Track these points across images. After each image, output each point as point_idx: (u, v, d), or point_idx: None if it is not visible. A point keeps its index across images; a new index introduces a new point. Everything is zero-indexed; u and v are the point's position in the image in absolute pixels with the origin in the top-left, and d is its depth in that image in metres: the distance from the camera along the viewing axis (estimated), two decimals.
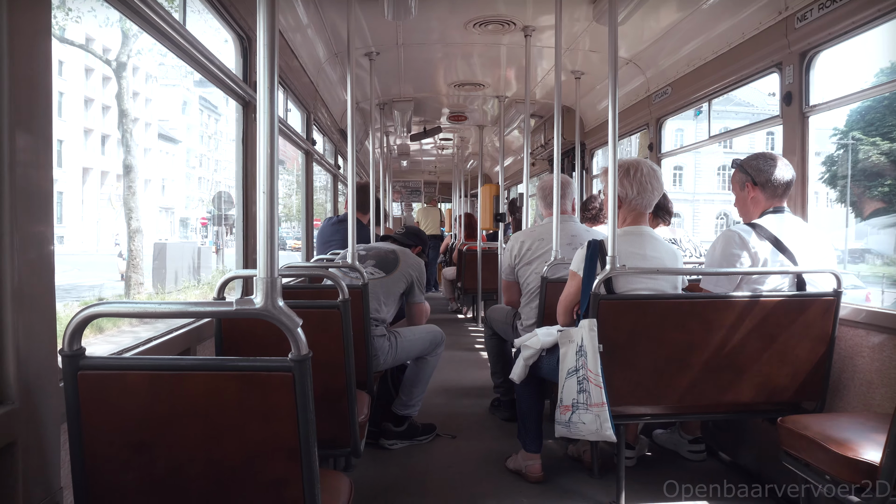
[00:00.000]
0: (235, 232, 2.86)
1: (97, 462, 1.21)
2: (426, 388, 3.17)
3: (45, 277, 1.25)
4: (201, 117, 55.26)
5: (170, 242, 27.11)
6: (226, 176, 58.06)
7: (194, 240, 40.15)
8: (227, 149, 58.14)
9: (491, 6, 3.45)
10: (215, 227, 30.73)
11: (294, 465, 1.20)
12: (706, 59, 3.49)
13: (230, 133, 27.27)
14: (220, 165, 56.94)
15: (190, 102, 51.82)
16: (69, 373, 1.17)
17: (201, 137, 54.31)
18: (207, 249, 26.85)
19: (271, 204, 1.13)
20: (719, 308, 2.17)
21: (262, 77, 1.12)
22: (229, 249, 23.95)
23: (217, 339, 2.10)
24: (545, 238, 3.17)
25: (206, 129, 55.85)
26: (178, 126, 49.59)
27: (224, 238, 28.02)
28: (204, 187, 54.16)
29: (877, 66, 22.20)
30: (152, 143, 45.03)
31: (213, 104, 54.35)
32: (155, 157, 45.46)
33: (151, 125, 45.19)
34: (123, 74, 20.28)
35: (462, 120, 6.67)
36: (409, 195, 14.42)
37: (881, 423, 1.72)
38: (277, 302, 1.13)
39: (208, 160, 55.71)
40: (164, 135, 47.14)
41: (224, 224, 28.10)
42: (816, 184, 19.43)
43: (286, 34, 3.38)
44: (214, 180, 55.23)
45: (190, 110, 52.16)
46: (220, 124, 57.40)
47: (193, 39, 2.01)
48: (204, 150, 55.03)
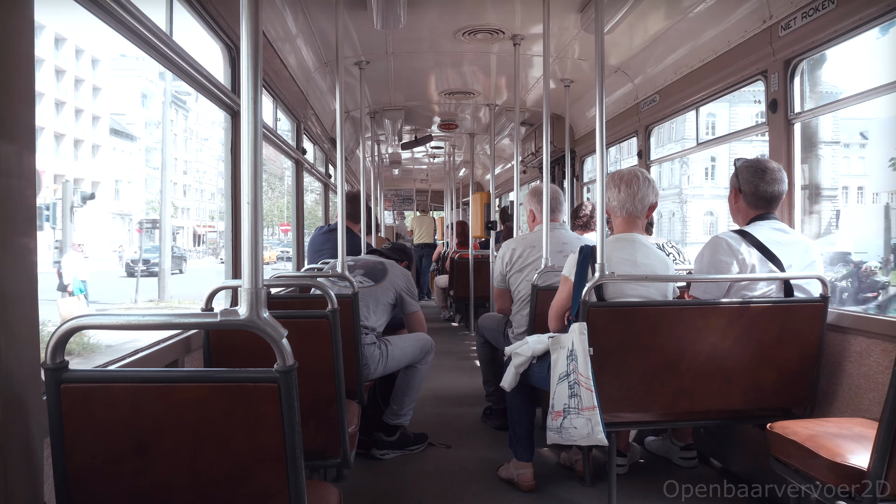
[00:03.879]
0: (224, 242, 2.85)
1: (81, 476, 1.20)
2: (417, 396, 3.16)
3: (28, 288, 1.23)
4: (168, 113, 50.38)
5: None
6: (195, 179, 53.75)
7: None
8: (199, 149, 54.60)
9: (480, 15, 3.47)
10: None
11: (280, 477, 1.19)
12: (693, 66, 3.52)
13: (202, 132, 26.35)
14: (190, 167, 52.56)
15: (152, 95, 45.43)
16: (52, 386, 1.16)
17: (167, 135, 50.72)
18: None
19: (256, 214, 1.12)
20: (708, 315, 2.18)
21: (246, 85, 1.12)
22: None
23: (205, 350, 2.08)
24: (536, 245, 3.18)
25: (172, 126, 49.72)
26: (136, 121, 44.30)
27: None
28: (172, 191, 49.37)
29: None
30: (103, 140, 39.73)
31: (180, 98, 49.45)
32: (106, 155, 40.16)
33: (101, 119, 39.85)
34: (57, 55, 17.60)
35: (453, 128, 6.69)
36: (400, 203, 14.42)
37: (869, 429, 1.73)
38: (262, 313, 1.12)
39: (175, 161, 49.26)
40: (119, 131, 41.85)
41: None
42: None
43: (275, 44, 3.39)
44: (183, 184, 51.40)
45: (153, 104, 45.54)
46: (189, 121, 53.21)
47: (179, 49, 2.01)
48: (170, 148, 51.35)
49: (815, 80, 2.79)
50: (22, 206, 1.21)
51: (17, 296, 1.20)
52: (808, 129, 2.82)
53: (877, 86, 2.28)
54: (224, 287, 2.15)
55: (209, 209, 56.79)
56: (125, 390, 1.19)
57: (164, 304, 17.52)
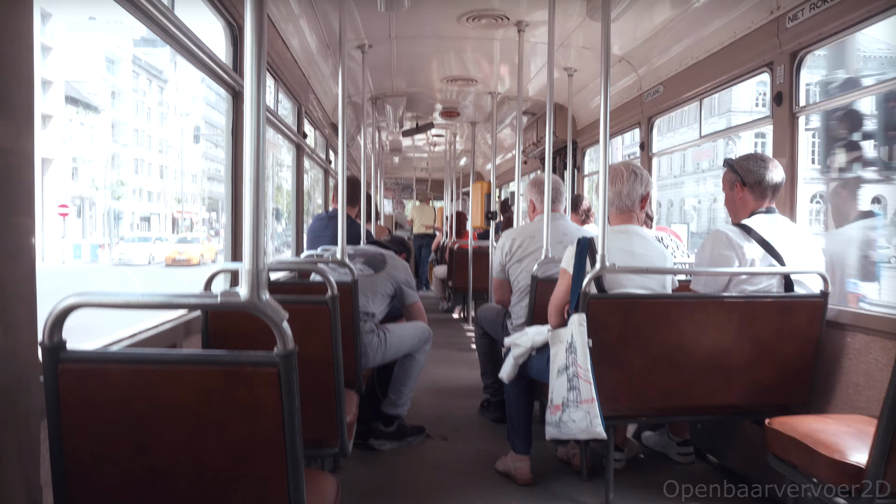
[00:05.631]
0: (225, 224, 2.83)
1: (78, 460, 1.18)
2: (415, 385, 3.16)
3: (26, 268, 1.22)
4: (137, 81, 42.49)
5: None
6: (172, 159, 47.27)
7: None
8: (177, 126, 48.42)
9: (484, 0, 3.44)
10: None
11: (279, 465, 1.18)
12: (698, 58, 3.49)
13: (183, 107, 25.16)
14: (166, 145, 46.23)
15: (120, 61, 40.39)
16: (49, 366, 1.14)
17: (137, 107, 42.65)
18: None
19: (257, 194, 1.10)
20: (708, 308, 2.17)
21: (250, 65, 1.10)
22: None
23: (203, 334, 2.07)
24: (536, 236, 3.16)
25: (144, 97, 43.75)
26: (100, 91, 38.13)
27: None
28: (145, 172, 43.24)
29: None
30: (55, 109, 33.51)
31: (155, 67, 44.22)
32: (59, 127, 33.97)
33: (53, 84, 33.76)
34: None
35: (455, 116, 6.65)
36: (400, 192, 14.36)
37: (867, 426, 1.72)
38: (263, 295, 1.10)
39: (148, 138, 44.35)
40: (76, 99, 35.53)
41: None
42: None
43: (277, 24, 3.35)
44: (159, 164, 45.49)
45: (121, 70, 40.53)
46: (165, 94, 47.04)
47: (182, 25, 1.97)
48: (141, 123, 43.13)
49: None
50: (20, 186, 1.20)
51: (15, 275, 1.19)
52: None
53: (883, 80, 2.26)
54: (223, 270, 2.13)
55: (192, 193, 51.11)
56: (123, 371, 1.18)
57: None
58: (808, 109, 2.66)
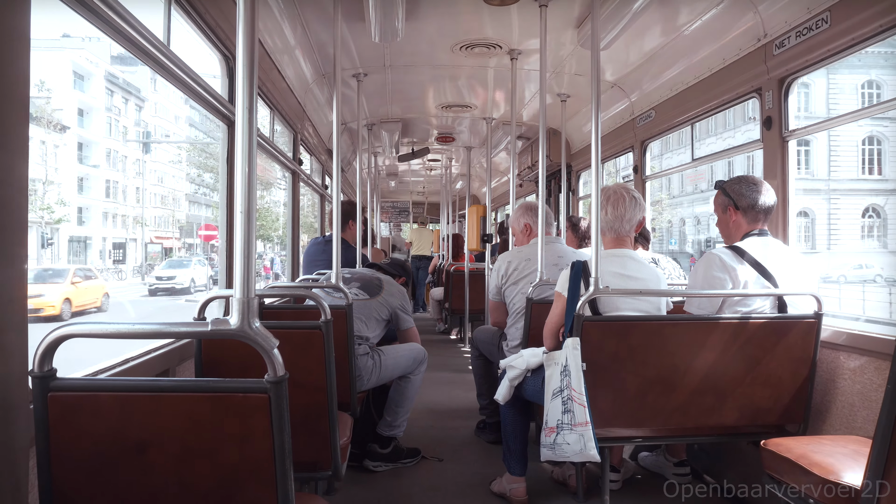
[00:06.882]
0: (219, 252, 2.84)
1: (66, 487, 1.18)
2: (411, 406, 3.14)
3: (18, 296, 1.22)
4: (111, 100, 38.57)
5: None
6: (151, 184, 43.67)
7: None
8: (164, 150, 45.74)
9: (477, 30, 3.50)
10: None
11: (270, 489, 1.18)
12: (688, 83, 3.55)
13: (165, 128, 24.54)
14: (145, 168, 42.47)
15: (91, 77, 37.04)
16: (39, 394, 1.14)
17: (110, 126, 38.54)
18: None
19: (249, 224, 1.12)
20: (702, 330, 2.18)
21: (241, 95, 1.12)
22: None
23: (197, 359, 2.06)
24: (532, 258, 3.17)
25: (119, 116, 39.90)
26: (65, 106, 34.20)
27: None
28: (119, 198, 39.56)
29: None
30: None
31: (133, 85, 41.17)
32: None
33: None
34: None
35: (450, 141, 6.72)
36: (397, 215, 14.42)
37: (862, 447, 1.72)
38: (253, 322, 1.11)
39: (123, 160, 40.56)
40: (39, 117, 30.82)
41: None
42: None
43: (273, 55, 3.40)
44: (136, 186, 41.43)
45: (92, 87, 37.12)
46: (143, 113, 43.72)
47: (177, 59, 2.02)
48: (114, 144, 39.38)
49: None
50: (12, 211, 1.20)
51: (6, 303, 1.19)
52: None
53: (870, 105, 2.30)
54: (217, 297, 2.14)
55: (173, 218, 47.43)
56: (114, 399, 1.18)
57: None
58: (798, 133, 2.70)
